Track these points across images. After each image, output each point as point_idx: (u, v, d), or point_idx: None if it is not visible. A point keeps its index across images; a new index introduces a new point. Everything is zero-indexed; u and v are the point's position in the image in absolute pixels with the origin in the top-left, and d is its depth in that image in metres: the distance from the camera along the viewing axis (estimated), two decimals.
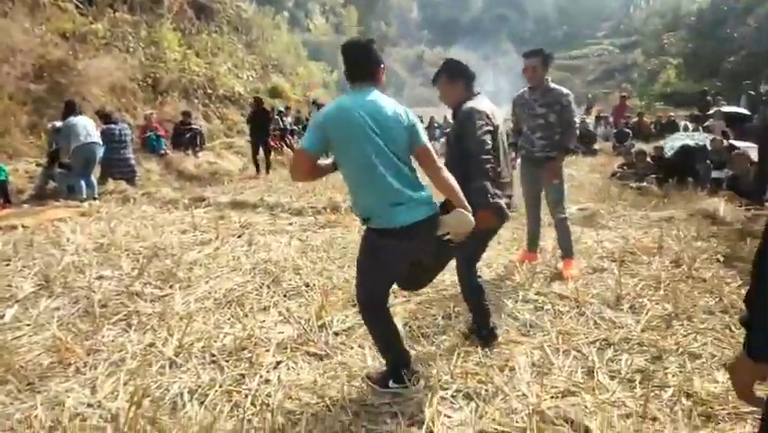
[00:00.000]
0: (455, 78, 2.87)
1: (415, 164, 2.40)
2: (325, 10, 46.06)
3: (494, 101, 2.95)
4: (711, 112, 12.34)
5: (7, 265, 4.57)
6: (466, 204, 2.35)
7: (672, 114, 15.05)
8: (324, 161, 2.44)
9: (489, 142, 2.69)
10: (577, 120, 4.35)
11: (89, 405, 2.46)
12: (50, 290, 3.91)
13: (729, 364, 1.15)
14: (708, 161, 7.90)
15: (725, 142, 8.51)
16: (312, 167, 2.33)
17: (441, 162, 2.41)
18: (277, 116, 13.67)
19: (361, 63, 2.37)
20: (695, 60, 25.43)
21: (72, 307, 3.61)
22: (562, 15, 49.30)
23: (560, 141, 3.99)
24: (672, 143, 9.39)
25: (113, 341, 3.08)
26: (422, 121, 16.16)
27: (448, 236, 2.37)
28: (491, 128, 2.72)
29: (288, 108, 14.82)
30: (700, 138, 9.06)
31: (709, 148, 8.28)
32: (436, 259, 2.59)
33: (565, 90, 4.04)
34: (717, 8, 26.13)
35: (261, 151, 11.00)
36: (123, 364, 2.80)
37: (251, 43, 17.18)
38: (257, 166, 10.94)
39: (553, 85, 4.04)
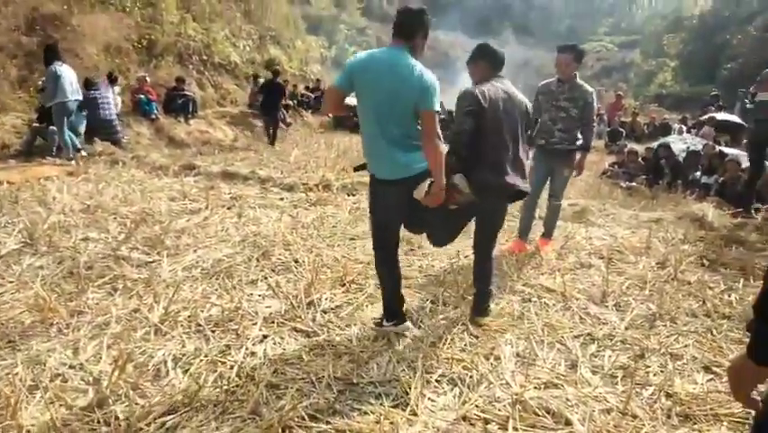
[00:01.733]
0: (479, 60, 3.02)
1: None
2: None
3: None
4: (705, 118, 12.41)
5: None
6: (438, 177, 2.53)
7: (666, 116, 15.14)
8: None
9: (467, 121, 2.75)
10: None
11: (71, 366, 2.44)
12: (35, 248, 3.86)
13: (730, 366, 1.16)
14: (699, 166, 7.98)
15: (716, 148, 8.58)
16: (339, 102, 2.67)
17: (437, 133, 2.54)
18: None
19: (404, 24, 2.56)
20: (692, 64, 25.52)
21: (57, 267, 3.57)
22: (566, 9, 48.99)
23: (583, 139, 4.20)
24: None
25: (97, 304, 3.05)
26: None
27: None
28: (474, 108, 2.77)
29: (285, 82, 14.59)
30: (693, 142, 9.14)
31: (702, 153, 8.35)
32: (425, 213, 2.71)
33: (591, 89, 4.16)
34: (719, 13, 26.16)
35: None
36: (107, 328, 2.77)
37: (250, 12, 16.80)
38: (267, 135, 11.13)
39: (580, 81, 4.15)
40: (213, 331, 2.78)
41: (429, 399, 2.30)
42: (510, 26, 46.13)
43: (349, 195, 6.16)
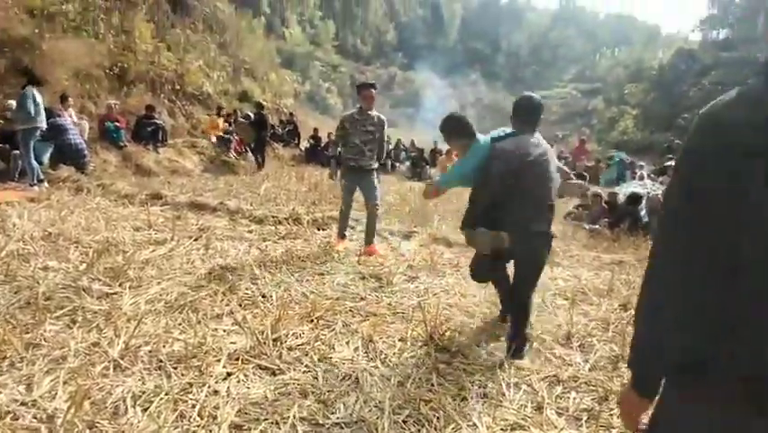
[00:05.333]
0: None
1: None
2: (302, 20, 46.20)
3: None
4: (667, 164, 12.96)
5: None
6: None
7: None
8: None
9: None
10: None
11: (23, 403, 2.32)
12: None
13: (619, 397, 1.26)
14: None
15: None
16: None
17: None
18: (243, 119, 13.55)
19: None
20: (652, 113, 26.81)
21: (13, 296, 3.42)
22: (532, 56, 51.02)
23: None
24: (625, 190, 9.81)
25: (54, 337, 2.93)
26: (388, 143, 16.25)
27: None
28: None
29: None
30: (653, 187, 9.50)
31: (661, 199, 8.68)
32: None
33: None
34: (677, 66, 27.71)
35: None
36: (64, 362, 2.66)
37: (225, 44, 16.97)
38: (257, 161, 12.53)
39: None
40: (174, 367, 2.70)
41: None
42: (479, 70, 47.62)
43: (319, 229, 6.15)
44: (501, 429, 2.40)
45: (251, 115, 13.70)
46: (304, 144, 15.77)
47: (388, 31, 53.35)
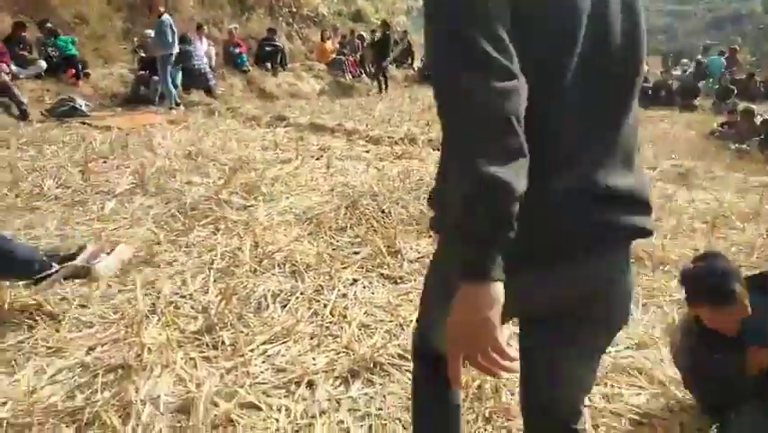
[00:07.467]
0: None
1: None
2: None
3: None
4: None
5: (105, 162, 4.91)
6: None
7: None
8: None
9: None
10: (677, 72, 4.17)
11: (182, 296, 2.66)
12: (144, 189, 4.19)
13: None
14: None
15: None
16: None
17: None
18: (357, 40, 13.52)
19: None
20: None
21: (164, 207, 3.86)
22: None
23: None
24: None
25: (202, 241, 3.28)
26: None
27: None
28: None
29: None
30: None
31: None
32: None
33: None
34: None
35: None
36: (212, 264, 2.99)
37: None
38: (379, 85, 12.28)
39: None
40: (307, 272, 2.92)
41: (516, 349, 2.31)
42: None
43: (434, 150, 6.11)
44: (627, 348, 2.34)
45: (365, 36, 13.64)
46: (417, 64, 15.45)
47: None
